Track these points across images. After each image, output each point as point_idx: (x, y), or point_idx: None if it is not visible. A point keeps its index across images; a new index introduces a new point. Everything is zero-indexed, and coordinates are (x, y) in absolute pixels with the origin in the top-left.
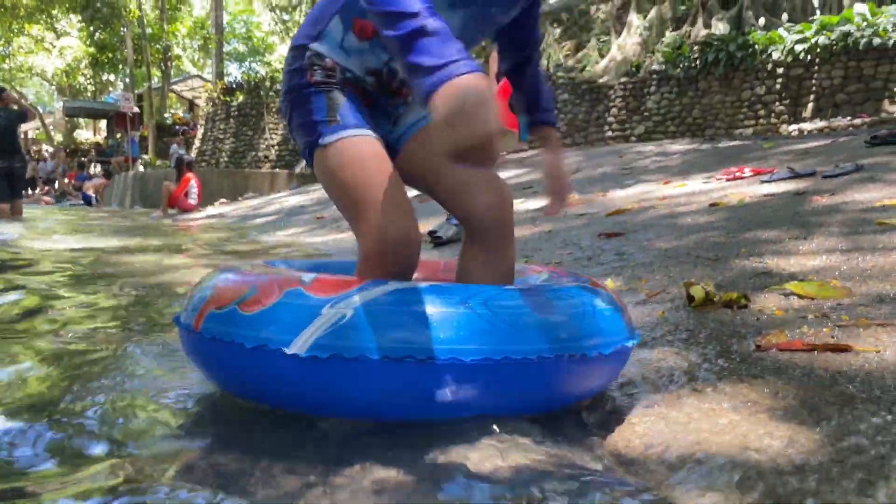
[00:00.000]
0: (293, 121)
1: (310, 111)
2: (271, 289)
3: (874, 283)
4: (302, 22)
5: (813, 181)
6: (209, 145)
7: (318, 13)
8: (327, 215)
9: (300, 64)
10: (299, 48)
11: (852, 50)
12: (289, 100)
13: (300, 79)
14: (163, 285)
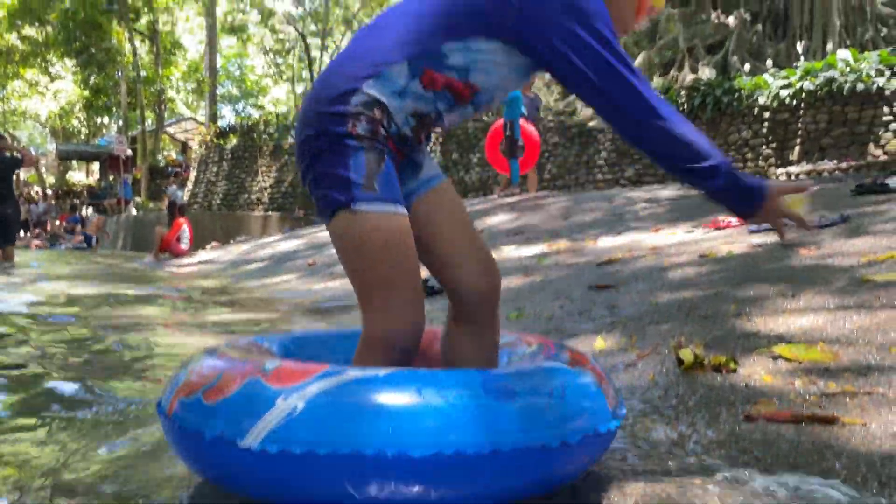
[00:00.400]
0: (317, 165)
1: (345, 165)
2: (233, 378)
3: (860, 346)
4: (338, 60)
5: (800, 232)
6: (202, 188)
7: (375, 55)
8: (318, 261)
9: (343, 108)
10: (345, 91)
11: (837, 95)
12: (318, 143)
13: (339, 126)
14: (140, 368)
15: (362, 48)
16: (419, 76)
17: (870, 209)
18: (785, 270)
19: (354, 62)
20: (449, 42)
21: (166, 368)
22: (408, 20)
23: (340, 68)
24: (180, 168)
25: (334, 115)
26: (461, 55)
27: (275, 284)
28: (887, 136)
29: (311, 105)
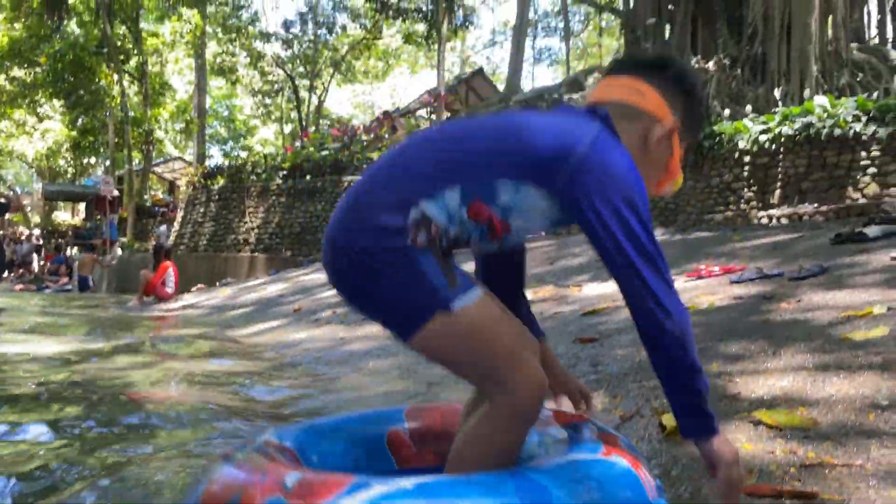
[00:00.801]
0: (384, 282)
1: (421, 274)
2: (253, 496)
3: (840, 411)
4: (384, 168)
5: (780, 283)
6: (188, 228)
7: (432, 174)
8: (304, 307)
9: (399, 223)
10: (402, 205)
11: (815, 140)
12: (380, 258)
13: (397, 240)
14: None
15: (418, 164)
16: (468, 205)
17: (848, 259)
18: (766, 325)
19: (411, 178)
20: (503, 179)
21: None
22: (467, 146)
23: (394, 182)
24: (167, 208)
25: (387, 230)
26: (510, 195)
27: (260, 332)
28: (865, 180)
29: (359, 214)
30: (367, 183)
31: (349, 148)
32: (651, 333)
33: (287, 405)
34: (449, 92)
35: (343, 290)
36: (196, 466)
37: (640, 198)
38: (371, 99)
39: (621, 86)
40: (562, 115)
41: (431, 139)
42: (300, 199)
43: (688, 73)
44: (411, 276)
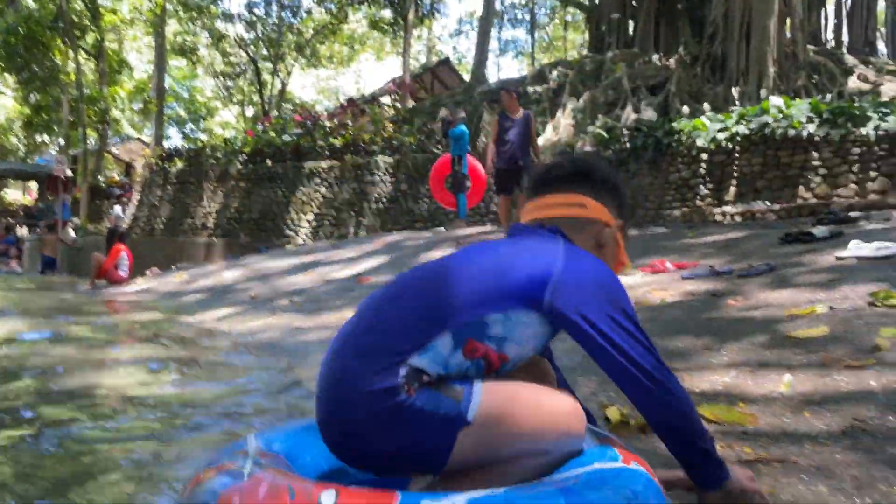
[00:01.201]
0: (396, 439)
1: (428, 414)
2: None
3: (777, 408)
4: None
5: (729, 280)
6: (145, 211)
7: (420, 327)
8: (261, 294)
9: (391, 383)
10: (390, 365)
11: (770, 140)
12: (383, 420)
13: (395, 398)
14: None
15: (400, 322)
16: (462, 346)
17: (795, 259)
18: (713, 322)
19: (394, 337)
20: (492, 313)
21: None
22: (448, 292)
23: (382, 340)
24: (123, 189)
25: (382, 392)
26: (501, 326)
27: (214, 319)
28: (816, 180)
29: (348, 386)
30: (345, 353)
31: (312, 134)
32: (667, 420)
33: (240, 396)
34: (414, 80)
35: (354, 459)
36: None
37: (621, 295)
38: (336, 84)
39: (560, 204)
40: (525, 241)
41: (404, 294)
42: (260, 184)
43: (608, 174)
44: (419, 421)
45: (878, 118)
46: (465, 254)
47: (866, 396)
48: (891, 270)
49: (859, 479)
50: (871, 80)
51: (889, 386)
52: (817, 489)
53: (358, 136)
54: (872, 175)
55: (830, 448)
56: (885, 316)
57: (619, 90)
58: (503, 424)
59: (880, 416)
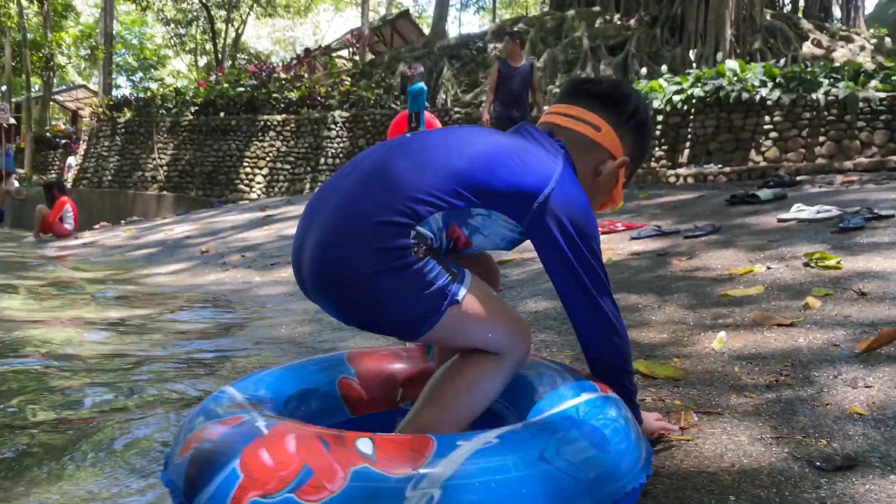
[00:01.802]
0: (394, 296)
1: (430, 282)
2: (331, 469)
3: (709, 363)
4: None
5: (675, 240)
6: (92, 162)
7: (417, 195)
8: (212, 250)
9: (403, 242)
10: (397, 226)
11: (724, 102)
12: (390, 278)
13: (403, 258)
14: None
15: (406, 183)
16: (447, 227)
17: (739, 220)
18: (657, 280)
19: (395, 196)
20: (479, 208)
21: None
22: (451, 170)
23: (392, 201)
24: (70, 139)
25: (392, 250)
26: (482, 219)
27: (164, 274)
28: (767, 144)
29: (357, 239)
30: (347, 206)
31: (267, 86)
32: (605, 358)
33: (197, 352)
34: (373, 33)
35: (343, 312)
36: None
37: (595, 233)
38: (293, 35)
39: (579, 118)
40: (530, 146)
41: (418, 153)
42: (213, 136)
43: (640, 111)
44: (421, 285)
45: (828, 84)
46: (472, 134)
47: (793, 352)
48: (828, 233)
49: (778, 430)
50: (824, 45)
51: (814, 342)
52: (738, 439)
53: (314, 90)
54: (821, 140)
55: (754, 401)
56: (817, 276)
57: (578, 49)
58: (479, 314)
59: (803, 371)
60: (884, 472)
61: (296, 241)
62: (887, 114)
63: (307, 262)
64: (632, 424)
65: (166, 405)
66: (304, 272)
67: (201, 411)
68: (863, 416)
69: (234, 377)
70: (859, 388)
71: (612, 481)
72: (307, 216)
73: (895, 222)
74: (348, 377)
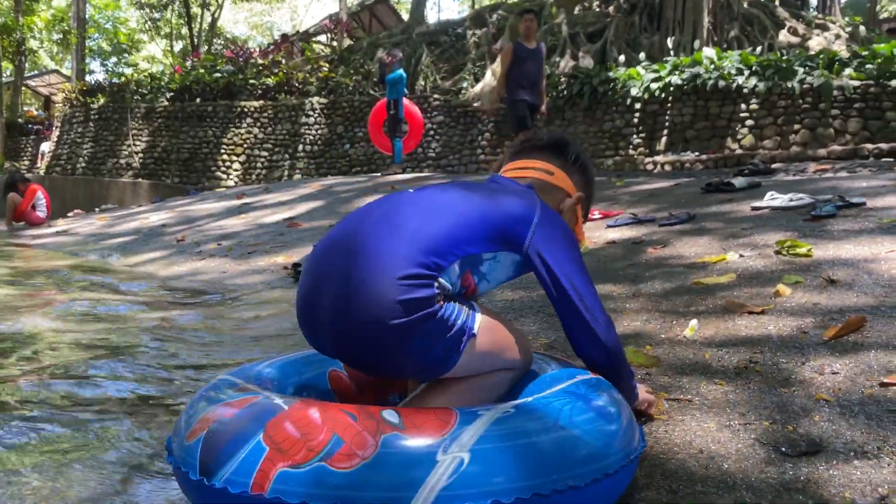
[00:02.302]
0: (422, 346)
1: (451, 325)
2: (362, 437)
3: (681, 351)
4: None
5: (651, 228)
6: (65, 149)
7: (436, 246)
8: (188, 238)
9: (428, 294)
10: (423, 278)
11: (701, 90)
12: (414, 329)
13: (427, 308)
14: None
15: (425, 235)
16: (461, 274)
17: (714, 208)
18: (632, 268)
19: (417, 249)
20: (487, 252)
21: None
22: (461, 219)
23: (417, 254)
24: (43, 125)
25: (418, 301)
26: (489, 264)
27: (139, 263)
28: (743, 132)
29: (381, 291)
30: (369, 261)
31: (243, 72)
32: (603, 361)
33: (179, 344)
34: (351, 18)
35: (365, 364)
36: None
37: (578, 247)
38: (270, 20)
39: (533, 168)
40: (508, 189)
41: (418, 209)
42: (189, 123)
43: (581, 154)
44: (443, 329)
45: (803, 72)
46: (460, 187)
47: (762, 340)
48: (800, 220)
49: (745, 417)
50: (800, 33)
51: (783, 330)
52: (707, 426)
53: (292, 76)
54: (796, 128)
55: (724, 388)
56: (788, 264)
57: (557, 36)
58: (494, 340)
59: (772, 358)
60: (847, 457)
61: (305, 295)
62: (860, 102)
63: (328, 318)
64: (624, 404)
65: (129, 404)
66: (320, 328)
67: (202, 398)
68: (829, 402)
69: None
70: (826, 375)
71: (617, 450)
72: (316, 268)
73: (866, 210)
74: (337, 370)
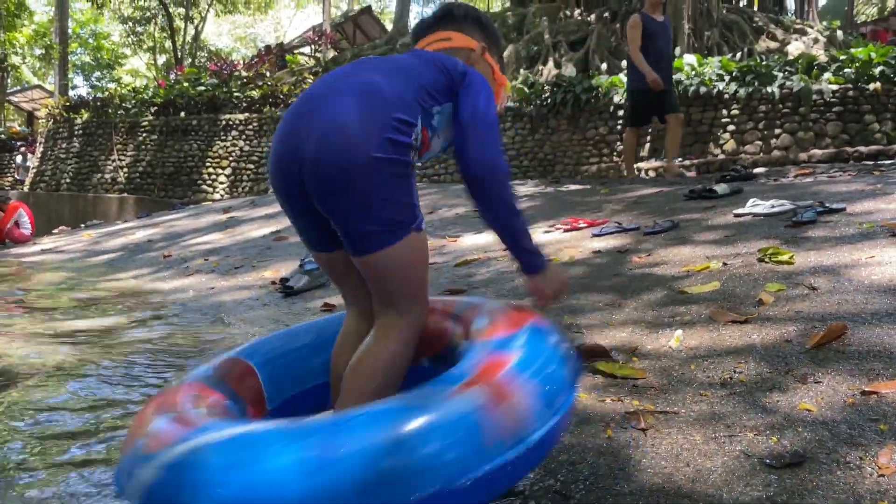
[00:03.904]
0: (386, 192)
1: (410, 191)
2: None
3: (666, 362)
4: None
5: (635, 237)
6: (49, 165)
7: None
8: (174, 254)
9: (408, 139)
10: (407, 125)
11: (682, 97)
12: (393, 168)
13: (406, 154)
14: None
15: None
16: (421, 128)
17: (697, 215)
18: (617, 279)
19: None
20: (436, 105)
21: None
22: (420, 81)
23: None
24: (26, 141)
25: (402, 145)
26: (438, 117)
27: (125, 280)
28: (725, 137)
29: (367, 126)
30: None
31: (228, 84)
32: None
33: (168, 358)
34: (335, 29)
35: (331, 196)
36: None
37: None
38: (254, 32)
39: (435, 41)
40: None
41: (394, 69)
42: (173, 137)
43: (469, 10)
44: (407, 191)
45: (783, 77)
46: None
47: (747, 349)
48: (782, 227)
49: (731, 428)
50: (779, 38)
51: (767, 339)
52: (693, 438)
53: (276, 88)
54: (777, 132)
55: (709, 399)
56: (771, 272)
57: (540, 45)
58: (420, 258)
59: (757, 368)
60: (830, 468)
61: (284, 138)
62: (839, 105)
63: (314, 144)
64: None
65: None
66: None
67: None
68: (811, 412)
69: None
70: (809, 384)
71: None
72: (297, 118)
73: (846, 215)
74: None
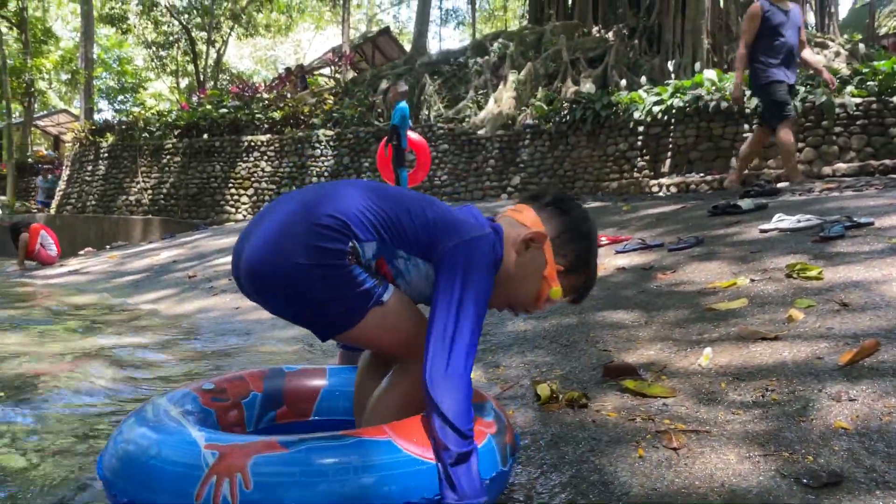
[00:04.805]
0: (328, 290)
1: (360, 283)
2: None
3: (697, 380)
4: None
5: (660, 254)
6: (75, 188)
7: (362, 219)
8: (199, 274)
9: (339, 247)
10: (335, 231)
11: (703, 112)
12: (320, 272)
13: (340, 259)
14: None
15: (352, 207)
16: (376, 259)
17: (721, 231)
18: (642, 295)
19: (348, 218)
20: (402, 250)
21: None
22: (397, 208)
23: (335, 220)
24: (52, 165)
25: (330, 251)
26: (404, 262)
27: (151, 301)
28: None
29: (297, 238)
30: (289, 215)
31: (249, 106)
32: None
33: (189, 378)
34: (354, 51)
35: (273, 301)
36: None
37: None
38: (274, 55)
39: (511, 209)
40: (460, 210)
41: (372, 189)
42: (197, 159)
43: (559, 199)
44: (351, 284)
45: (805, 90)
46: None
47: (778, 367)
48: (809, 242)
49: (765, 447)
50: None
51: (798, 356)
52: (727, 458)
53: (298, 109)
54: (800, 146)
55: (742, 417)
56: (799, 287)
57: (558, 62)
58: (401, 318)
59: (789, 385)
60: (869, 487)
61: (236, 246)
62: (863, 119)
63: (245, 260)
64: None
65: None
66: (241, 271)
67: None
68: (847, 430)
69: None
70: (843, 402)
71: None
72: (246, 231)
73: (874, 230)
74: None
